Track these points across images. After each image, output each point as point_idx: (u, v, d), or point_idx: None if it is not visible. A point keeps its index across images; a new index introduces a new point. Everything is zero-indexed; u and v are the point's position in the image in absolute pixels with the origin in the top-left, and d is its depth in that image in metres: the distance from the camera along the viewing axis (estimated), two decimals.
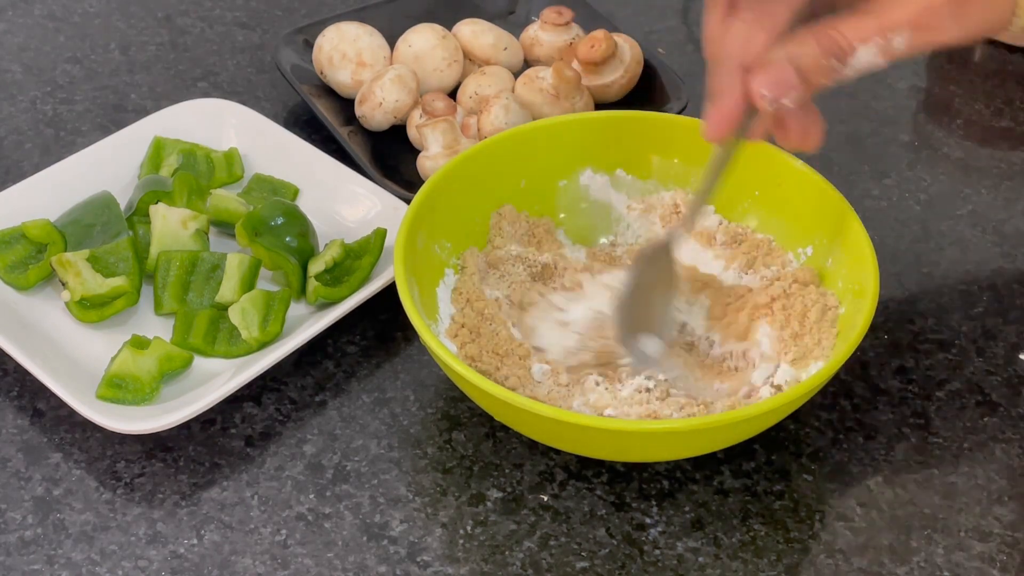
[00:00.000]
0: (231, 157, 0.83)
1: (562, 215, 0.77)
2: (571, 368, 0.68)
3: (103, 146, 0.82)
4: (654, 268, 0.68)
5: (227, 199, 0.78)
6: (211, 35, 0.99)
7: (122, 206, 0.77)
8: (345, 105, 0.88)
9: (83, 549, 0.63)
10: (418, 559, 0.63)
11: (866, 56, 0.57)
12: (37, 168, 0.82)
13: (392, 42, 0.89)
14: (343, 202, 0.80)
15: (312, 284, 0.73)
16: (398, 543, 0.64)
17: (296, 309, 0.74)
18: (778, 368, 0.66)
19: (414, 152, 0.84)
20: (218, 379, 0.69)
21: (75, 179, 0.79)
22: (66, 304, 0.72)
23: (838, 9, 0.58)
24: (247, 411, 0.70)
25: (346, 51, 0.87)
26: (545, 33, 0.91)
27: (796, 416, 0.70)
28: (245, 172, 0.83)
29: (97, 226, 0.75)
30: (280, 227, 0.74)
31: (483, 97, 0.84)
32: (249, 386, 0.70)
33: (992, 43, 0.99)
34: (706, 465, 0.67)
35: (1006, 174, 0.88)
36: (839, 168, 0.87)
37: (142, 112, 0.89)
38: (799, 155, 0.74)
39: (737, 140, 0.63)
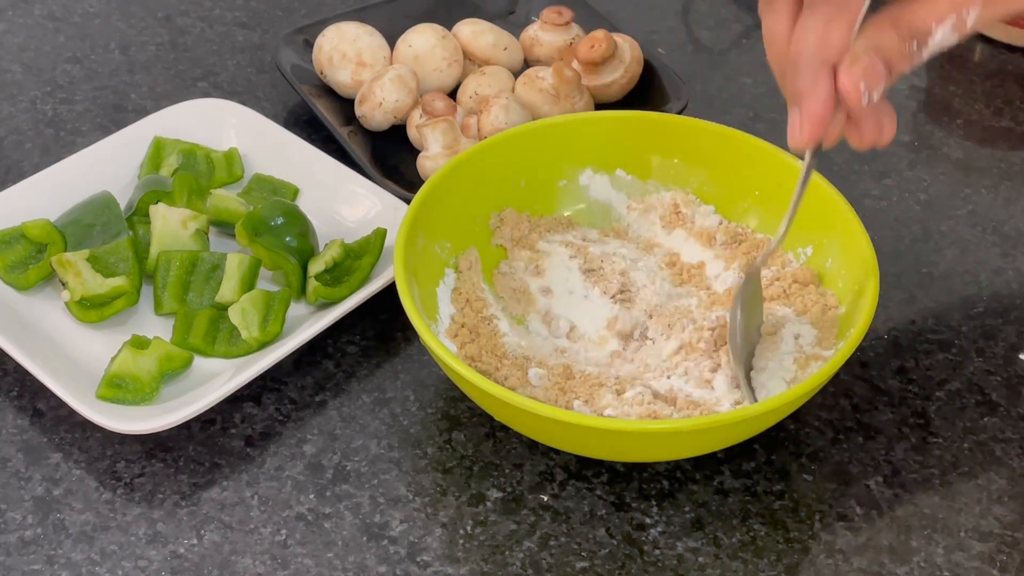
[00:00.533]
0: (231, 157, 0.83)
1: (566, 213, 0.77)
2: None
3: (103, 146, 0.82)
4: (751, 296, 0.67)
5: (227, 199, 0.78)
6: (211, 35, 0.99)
7: (122, 206, 0.77)
8: (345, 105, 0.88)
9: (83, 549, 0.63)
10: (418, 559, 0.63)
11: (942, 35, 0.55)
12: (37, 168, 0.82)
13: (392, 42, 0.89)
14: (343, 202, 0.80)
15: (312, 284, 0.73)
16: (398, 543, 0.64)
17: (296, 309, 0.74)
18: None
19: (414, 152, 0.84)
20: (218, 379, 0.69)
21: (75, 179, 0.79)
22: (66, 304, 0.72)
23: None
24: (247, 411, 0.70)
25: (346, 51, 0.87)
26: (545, 33, 0.91)
27: (796, 416, 0.70)
28: (245, 172, 0.83)
29: (97, 226, 0.75)
30: (280, 227, 0.74)
31: (483, 97, 0.84)
32: (249, 386, 0.70)
33: (992, 43, 0.99)
34: (706, 465, 0.67)
35: (1006, 174, 0.88)
36: (839, 168, 0.87)
37: (142, 112, 0.89)
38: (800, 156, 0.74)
39: (821, 144, 0.60)
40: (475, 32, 0.90)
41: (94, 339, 0.71)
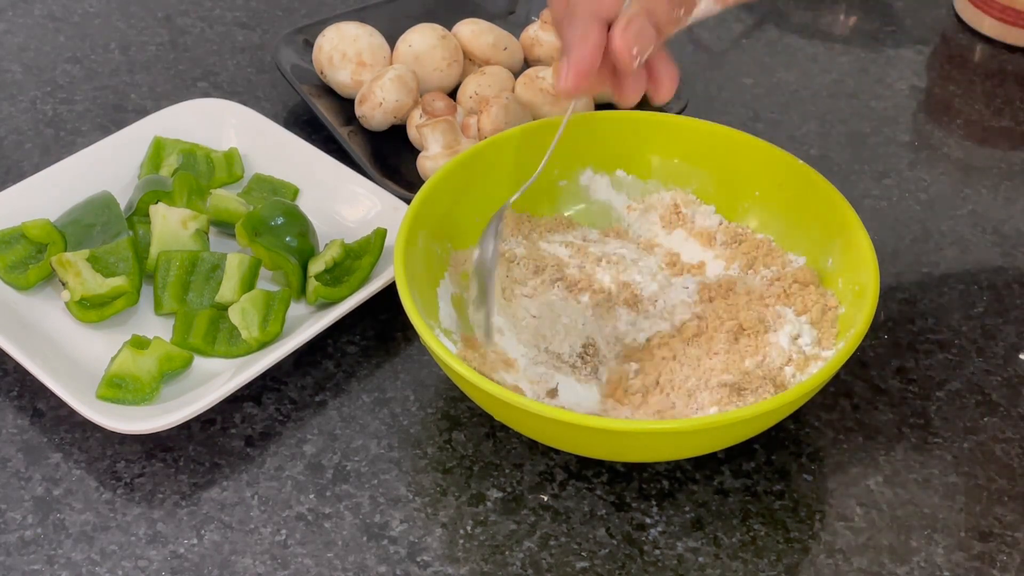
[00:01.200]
0: (231, 157, 0.83)
1: (567, 213, 0.77)
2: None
3: (103, 146, 0.82)
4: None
5: (227, 199, 0.78)
6: (211, 35, 0.99)
7: (122, 206, 0.77)
8: (345, 105, 0.88)
9: (83, 549, 0.63)
10: (418, 559, 0.63)
11: (706, 4, 0.58)
12: (37, 168, 0.82)
13: (392, 42, 0.89)
14: (343, 202, 0.80)
15: (312, 284, 0.73)
16: (398, 543, 0.64)
17: (296, 309, 0.74)
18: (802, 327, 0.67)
19: (414, 152, 0.84)
20: (218, 379, 0.69)
21: (75, 179, 0.79)
22: (66, 304, 0.72)
23: None
24: (247, 411, 0.70)
25: (346, 51, 0.87)
26: (545, 33, 0.91)
27: (796, 416, 0.70)
28: (245, 172, 0.83)
29: (97, 226, 0.75)
30: (280, 227, 0.74)
31: (483, 97, 0.84)
32: (249, 386, 0.70)
33: (992, 43, 0.99)
34: (706, 465, 0.67)
35: (1006, 174, 0.88)
36: (839, 168, 0.87)
37: (142, 112, 0.89)
38: (799, 155, 0.74)
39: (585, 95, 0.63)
40: (475, 32, 0.90)
41: (94, 339, 0.71)
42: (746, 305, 0.70)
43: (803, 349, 0.68)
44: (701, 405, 0.65)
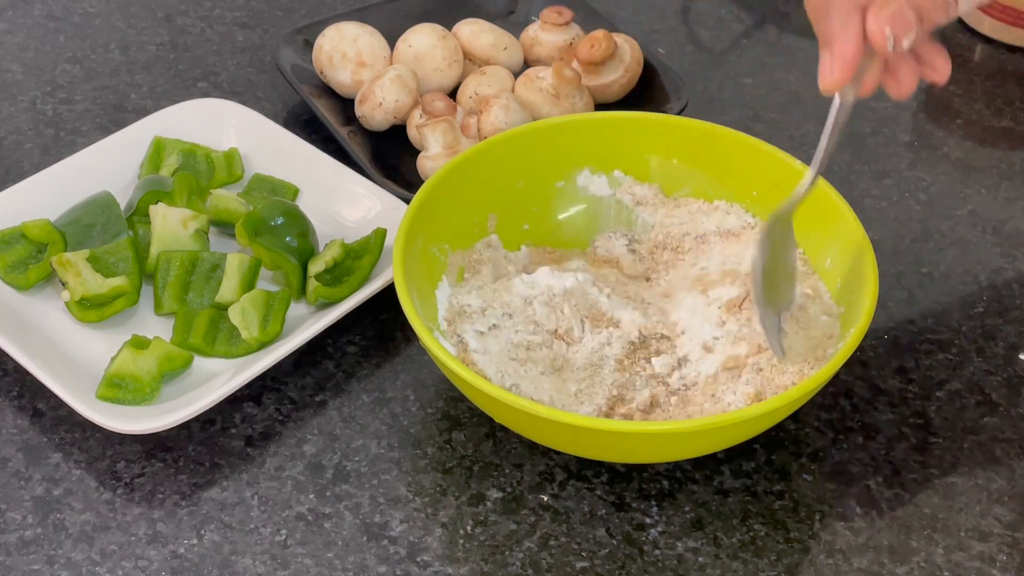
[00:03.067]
0: (231, 157, 0.83)
1: (561, 216, 0.77)
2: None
3: (103, 146, 0.82)
4: (782, 240, 0.65)
5: (227, 199, 0.78)
6: (211, 35, 0.99)
7: (122, 206, 0.77)
8: (345, 105, 0.88)
9: (83, 549, 0.63)
10: (418, 559, 0.63)
11: None
12: (37, 168, 0.82)
13: (392, 42, 0.89)
14: (343, 202, 0.80)
15: (312, 284, 0.73)
16: (398, 543, 0.64)
17: (296, 309, 0.74)
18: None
19: (414, 152, 0.84)
20: (218, 379, 0.69)
21: (75, 179, 0.79)
22: (66, 304, 0.72)
23: None
24: (247, 411, 0.70)
25: (346, 51, 0.87)
26: (545, 33, 0.91)
27: (796, 416, 0.70)
28: (245, 172, 0.83)
29: (97, 226, 0.75)
30: (280, 227, 0.74)
31: (483, 97, 0.84)
32: (249, 386, 0.70)
33: (992, 43, 0.99)
34: (706, 465, 0.67)
35: (1006, 174, 0.88)
36: (839, 168, 0.87)
37: (142, 112, 0.89)
38: (799, 155, 0.74)
39: (854, 91, 0.61)
40: (475, 32, 0.90)
41: (94, 339, 0.71)
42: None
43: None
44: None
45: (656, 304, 0.72)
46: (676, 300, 0.71)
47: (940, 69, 0.61)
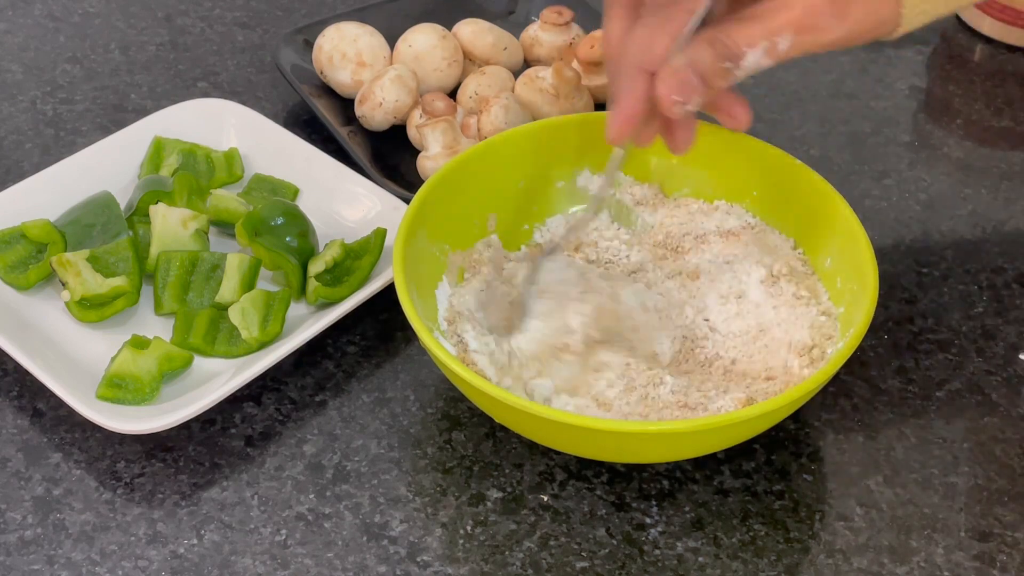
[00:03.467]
0: (231, 157, 0.83)
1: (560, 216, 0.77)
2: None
3: (103, 146, 0.82)
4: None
5: (227, 199, 0.78)
6: (211, 35, 0.99)
7: (122, 206, 0.77)
8: (345, 105, 0.88)
9: (83, 549, 0.63)
10: (418, 559, 0.63)
11: (754, 58, 0.59)
12: (37, 168, 0.82)
13: (392, 42, 0.89)
14: (343, 202, 0.80)
15: (312, 284, 0.73)
16: (398, 543, 0.64)
17: (296, 309, 0.74)
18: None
19: (414, 152, 0.84)
20: (218, 379, 0.69)
21: (75, 179, 0.79)
22: (66, 304, 0.72)
23: (734, 11, 0.60)
24: (247, 411, 0.70)
25: (346, 51, 0.87)
26: (545, 33, 0.91)
27: (796, 416, 0.70)
28: (245, 172, 0.83)
29: (97, 226, 0.75)
30: (280, 227, 0.74)
31: (483, 97, 0.84)
32: (249, 386, 0.70)
33: (992, 43, 0.99)
34: (706, 465, 0.67)
35: (1006, 174, 0.88)
36: (839, 168, 0.87)
37: (142, 112, 0.89)
38: (799, 155, 0.74)
39: (631, 143, 0.66)
40: (475, 32, 0.90)
41: (94, 339, 0.71)
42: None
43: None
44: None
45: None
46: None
47: (739, 118, 0.66)
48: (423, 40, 0.87)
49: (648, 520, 0.65)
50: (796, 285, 0.70)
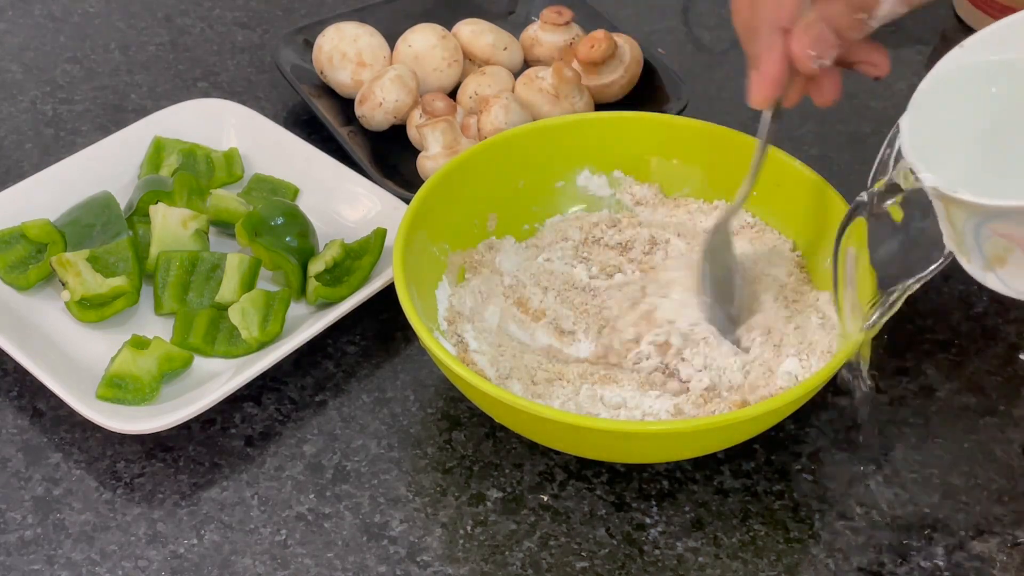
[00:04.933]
0: (231, 157, 0.83)
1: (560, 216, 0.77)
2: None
3: (103, 146, 0.82)
4: (719, 247, 0.70)
5: (227, 199, 0.78)
6: (211, 35, 0.99)
7: (122, 206, 0.77)
8: (345, 105, 0.88)
9: (83, 549, 0.63)
10: (418, 559, 0.63)
11: (889, 6, 0.59)
12: (37, 168, 0.82)
13: (392, 42, 0.89)
14: (343, 202, 0.80)
15: (312, 284, 0.73)
16: (398, 543, 0.64)
17: (296, 309, 0.74)
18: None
19: (414, 152, 0.84)
20: (218, 379, 0.69)
21: (75, 179, 0.79)
22: (66, 304, 0.72)
23: None
24: (247, 411, 0.70)
25: (346, 51, 0.87)
26: (545, 33, 0.91)
27: (796, 416, 0.70)
28: (245, 172, 0.83)
29: (97, 226, 0.75)
30: (280, 227, 0.74)
31: (483, 97, 0.84)
32: (249, 386, 0.70)
33: None
34: (706, 465, 0.67)
35: None
36: (839, 168, 0.87)
37: (142, 112, 0.89)
38: (799, 155, 0.74)
39: (780, 104, 0.65)
40: (475, 32, 0.90)
41: (94, 339, 0.71)
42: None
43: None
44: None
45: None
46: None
47: (879, 64, 0.65)
48: (423, 40, 0.87)
49: (648, 520, 0.65)
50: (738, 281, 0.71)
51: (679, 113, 0.85)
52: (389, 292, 0.71)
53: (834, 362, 0.62)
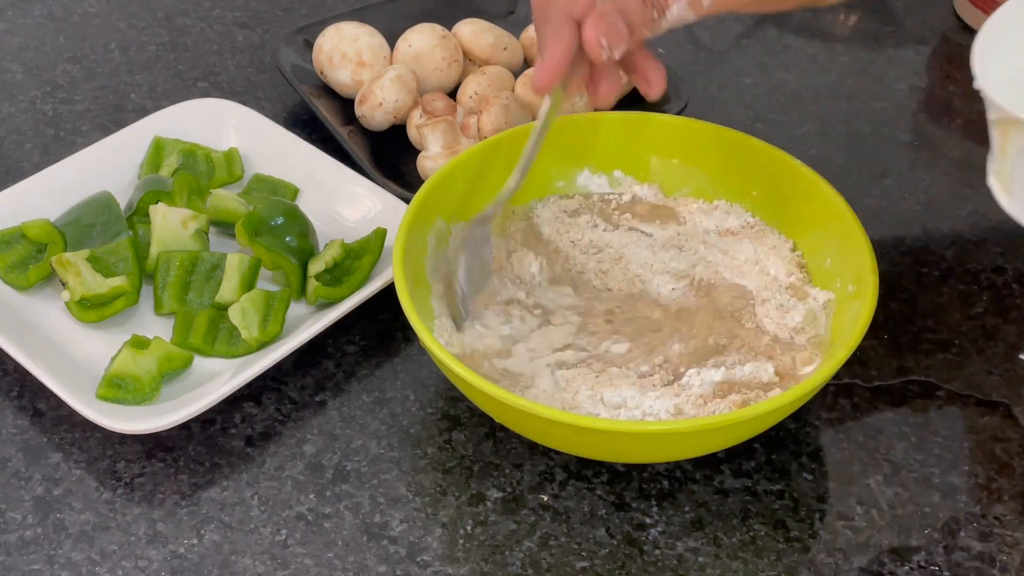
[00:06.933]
0: (231, 157, 0.83)
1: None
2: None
3: (103, 146, 0.82)
4: (483, 241, 0.71)
5: (227, 199, 0.78)
6: (211, 35, 0.99)
7: (122, 206, 0.77)
8: (345, 105, 0.88)
9: (83, 549, 0.63)
10: (418, 559, 0.63)
11: (678, 9, 0.61)
12: (37, 168, 0.82)
13: (392, 42, 0.89)
14: (343, 202, 0.80)
15: (312, 284, 0.73)
16: (398, 543, 0.64)
17: (296, 309, 0.74)
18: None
19: (414, 152, 0.84)
20: (218, 379, 0.69)
21: (75, 179, 0.79)
22: (66, 304, 0.72)
23: None
24: (247, 411, 0.70)
25: (346, 51, 0.87)
26: None
27: (796, 416, 0.70)
28: (245, 172, 0.83)
29: (97, 226, 0.75)
30: (280, 227, 0.74)
31: (483, 97, 0.84)
32: (249, 386, 0.70)
33: None
34: (706, 465, 0.67)
35: None
36: (839, 168, 0.87)
37: (142, 112, 0.89)
38: (799, 155, 0.74)
39: (561, 92, 0.67)
40: (475, 32, 0.90)
41: (94, 339, 0.71)
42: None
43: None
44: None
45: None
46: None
47: (653, 82, 0.67)
48: (423, 40, 0.87)
49: (648, 520, 0.65)
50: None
51: (679, 113, 0.85)
52: (389, 292, 0.71)
53: (834, 362, 0.62)
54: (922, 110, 0.94)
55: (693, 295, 0.71)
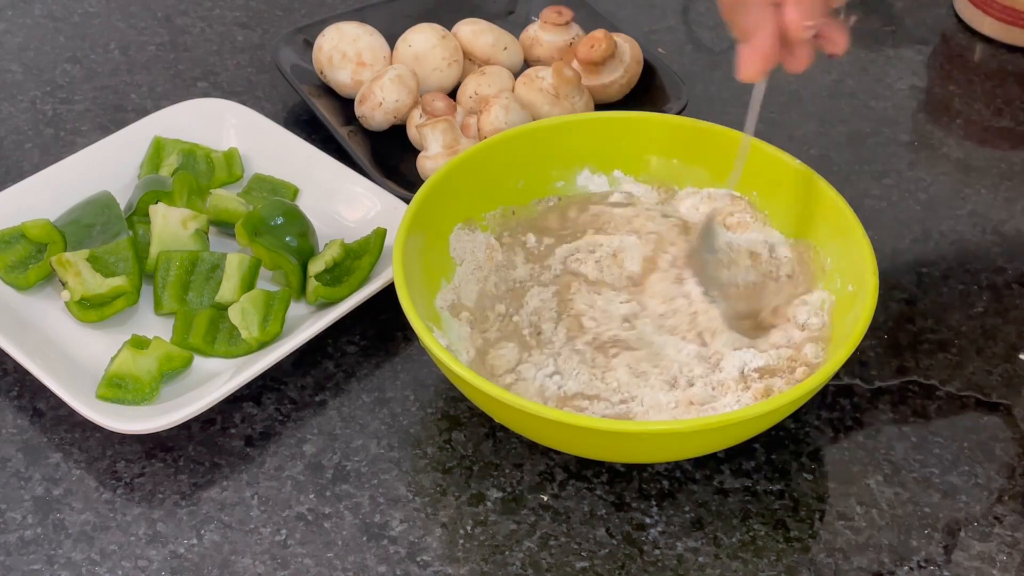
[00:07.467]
0: (231, 157, 0.83)
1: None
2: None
3: (103, 146, 0.82)
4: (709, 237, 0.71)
5: (227, 199, 0.78)
6: (211, 35, 0.99)
7: (122, 206, 0.77)
8: (345, 105, 0.88)
9: (83, 549, 0.63)
10: (418, 559, 0.63)
11: None
12: (37, 168, 0.82)
13: (392, 42, 0.89)
14: (343, 202, 0.80)
15: (312, 284, 0.73)
16: (398, 543, 0.64)
17: (296, 309, 0.74)
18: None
19: (414, 152, 0.84)
20: (218, 379, 0.69)
21: (75, 179, 0.79)
22: (66, 304, 0.72)
23: None
24: (247, 411, 0.70)
25: (346, 51, 0.87)
26: (545, 33, 0.91)
27: (796, 416, 0.70)
28: (245, 172, 0.83)
29: (97, 226, 0.75)
30: (280, 227, 0.74)
31: (483, 97, 0.84)
32: (249, 386, 0.70)
33: (992, 43, 0.99)
34: (706, 465, 0.67)
35: (1006, 174, 0.88)
36: (839, 168, 0.87)
37: (142, 112, 0.89)
38: (799, 155, 0.74)
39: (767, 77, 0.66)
40: (475, 32, 0.90)
41: (94, 339, 0.71)
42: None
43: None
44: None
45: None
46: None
47: (838, 42, 0.66)
48: (423, 40, 0.87)
49: (648, 520, 0.65)
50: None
51: (679, 113, 0.85)
52: (389, 292, 0.71)
53: (834, 361, 0.62)
54: (922, 110, 0.94)
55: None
